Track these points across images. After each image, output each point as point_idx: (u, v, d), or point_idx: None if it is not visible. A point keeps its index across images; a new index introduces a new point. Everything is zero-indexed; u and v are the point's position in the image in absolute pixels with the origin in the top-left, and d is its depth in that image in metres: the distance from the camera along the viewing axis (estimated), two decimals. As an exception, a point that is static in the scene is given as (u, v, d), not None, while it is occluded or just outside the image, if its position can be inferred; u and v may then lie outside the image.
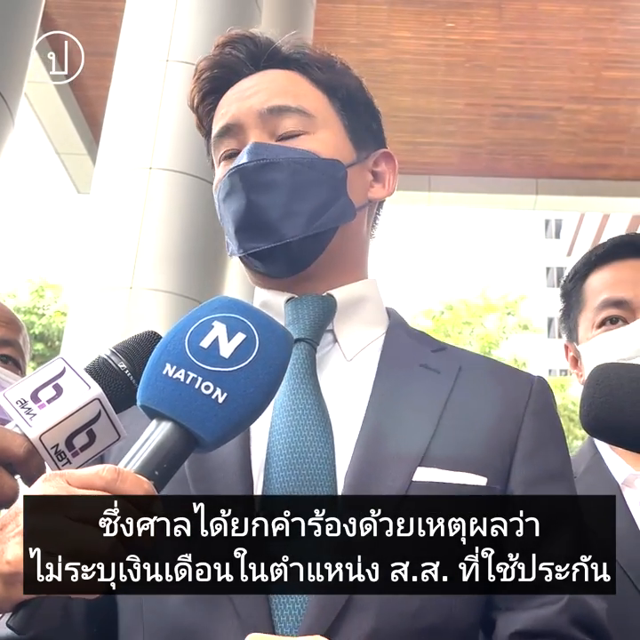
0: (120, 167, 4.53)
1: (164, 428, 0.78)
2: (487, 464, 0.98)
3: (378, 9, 8.03)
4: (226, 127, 1.11)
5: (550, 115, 9.28)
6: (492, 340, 22.13)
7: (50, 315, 18.23)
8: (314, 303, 1.08)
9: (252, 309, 0.86)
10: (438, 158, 10.06)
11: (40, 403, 0.84)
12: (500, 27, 8.14)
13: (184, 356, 0.81)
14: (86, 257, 4.51)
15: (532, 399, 1.07)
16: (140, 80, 4.67)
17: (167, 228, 4.32)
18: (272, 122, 1.09)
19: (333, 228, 1.10)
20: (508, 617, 0.95)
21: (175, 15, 4.73)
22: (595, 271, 1.64)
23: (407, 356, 1.09)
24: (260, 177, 1.06)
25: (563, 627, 0.93)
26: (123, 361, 0.93)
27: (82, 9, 7.97)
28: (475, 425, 1.01)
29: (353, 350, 1.09)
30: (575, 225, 35.59)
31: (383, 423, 0.99)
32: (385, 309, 1.18)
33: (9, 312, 1.73)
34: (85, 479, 0.72)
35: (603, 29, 8.07)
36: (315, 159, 1.08)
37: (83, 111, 9.41)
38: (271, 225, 1.05)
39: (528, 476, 1.00)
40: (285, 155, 1.07)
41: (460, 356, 1.13)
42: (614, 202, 10.75)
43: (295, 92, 1.12)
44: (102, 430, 0.86)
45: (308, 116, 1.10)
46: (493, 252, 39.92)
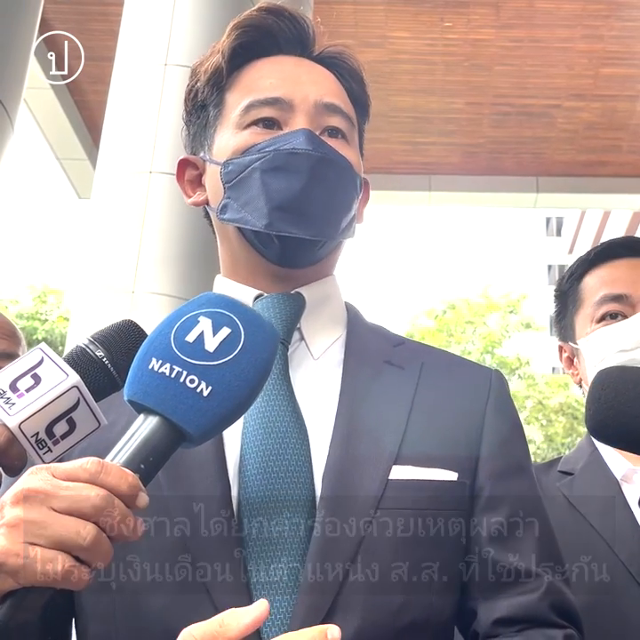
0: (120, 172, 4.53)
1: (151, 422, 0.79)
2: (456, 459, 1.00)
3: (375, 9, 8.03)
4: (276, 99, 1.08)
5: (549, 112, 9.27)
6: (494, 338, 22.11)
7: (52, 320, 18.26)
8: (284, 302, 1.08)
9: (238, 304, 0.86)
10: (438, 158, 10.05)
11: (19, 392, 0.84)
12: (498, 25, 8.13)
13: (169, 351, 0.81)
14: (88, 261, 4.51)
15: (491, 393, 1.09)
16: (138, 84, 4.67)
17: (168, 231, 4.32)
18: (323, 116, 1.10)
19: (344, 239, 1.13)
20: (489, 605, 0.97)
21: (173, 19, 4.73)
22: (591, 270, 1.67)
23: (370, 352, 1.10)
24: (321, 169, 1.04)
25: (543, 612, 0.96)
26: (100, 349, 0.93)
27: (80, 14, 7.97)
28: (441, 421, 1.03)
29: (320, 349, 1.09)
30: (576, 222, 35.56)
31: (355, 422, 0.99)
32: (344, 305, 1.18)
33: (9, 324, 1.74)
34: (70, 472, 0.73)
35: (600, 26, 8.06)
36: (353, 170, 1.10)
37: (82, 116, 9.41)
38: (315, 218, 1.05)
39: (495, 470, 1.02)
40: (338, 158, 1.07)
41: (420, 350, 1.15)
42: (615, 199, 10.75)
43: (343, 98, 1.14)
44: (82, 418, 0.87)
45: (352, 125, 1.13)
46: (495, 250, 39.90)
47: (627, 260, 1.64)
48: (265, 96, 1.09)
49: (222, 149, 1.11)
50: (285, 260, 1.08)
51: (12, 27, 4.03)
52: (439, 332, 22.04)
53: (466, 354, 21.61)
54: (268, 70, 1.12)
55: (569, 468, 1.59)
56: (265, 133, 1.08)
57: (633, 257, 1.64)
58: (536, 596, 0.96)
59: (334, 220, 1.07)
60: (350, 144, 1.12)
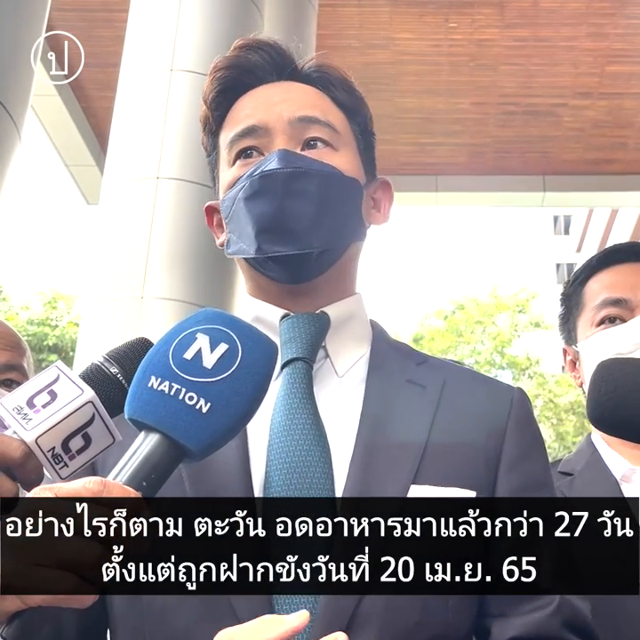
0: (128, 177, 4.56)
1: (152, 439, 0.80)
2: (475, 477, 1.00)
3: (379, 11, 8.04)
4: (251, 128, 1.12)
5: (555, 111, 9.27)
6: (504, 338, 22.07)
7: (63, 326, 18.31)
8: (309, 322, 1.10)
9: (235, 320, 0.87)
10: (445, 158, 10.06)
11: (35, 408, 0.86)
12: (503, 25, 8.14)
13: (168, 368, 0.82)
14: (97, 267, 4.53)
15: (513, 411, 1.09)
16: (144, 90, 4.69)
17: (176, 236, 4.34)
18: (300, 131, 1.11)
19: (346, 245, 1.13)
20: (502, 624, 0.97)
21: (178, 24, 4.75)
22: (594, 275, 1.69)
23: (393, 370, 1.11)
24: (294, 184, 1.07)
25: (555, 630, 0.96)
26: (115, 366, 0.95)
27: (86, 20, 8.01)
28: (461, 439, 1.03)
29: (344, 367, 1.11)
30: (584, 220, 35.47)
31: (375, 441, 1.00)
32: (369, 322, 1.20)
33: (14, 335, 1.74)
34: (72, 491, 0.73)
35: (605, 24, 8.06)
36: (340, 175, 1.11)
37: (89, 122, 9.46)
38: (298, 232, 1.07)
39: (513, 487, 1.03)
40: (317, 167, 1.09)
41: (442, 368, 1.16)
42: (622, 196, 10.73)
43: (323, 108, 1.15)
44: (97, 433, 0.88)
45: (335, 132, 1.13)
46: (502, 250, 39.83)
47: (629, 264, 1.65)
48: (241, 128, 1.12)
49: (222, 188, 1.17)
50: (289, 276, 1.10)
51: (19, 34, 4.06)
52: (448, 333, 22.00)
53: (475, 354, 21.59)
54: (245, 103, 1.15)
55: (569, 469, 1.60)
56: (248, 164, 1.11)
57: (635, 262, 1.65)
58: (548, 613, 0.96)
59: (323, 229, 1.08)
60: (339, 150, 1.13)
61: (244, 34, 1.22)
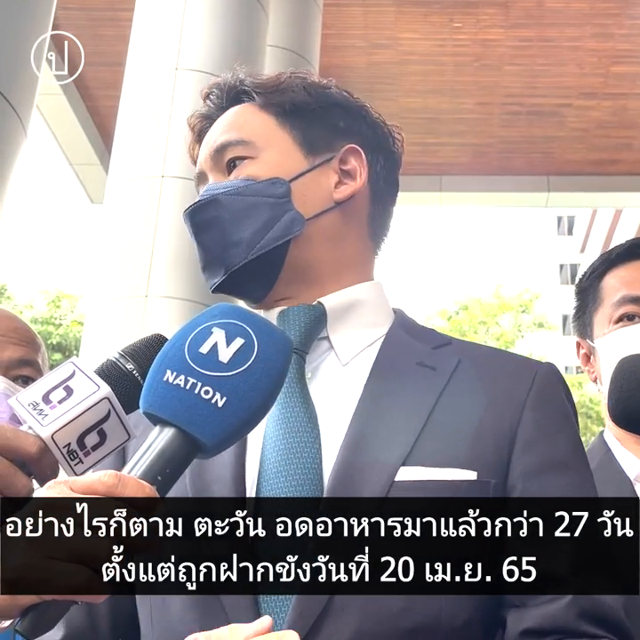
0: (132, 176, 4.57)
1: (167, 433, 0.79)
2: (478, 458, 0.98)
3: (384, 11, 8.04)
4: (197, 177, 1.19)
5: (560, 111, 9.26)
6: (507, 338, 22.07)
7: (67, 324, 18.33)
8: (301, 313, 1.10)
9: (251, 315, 0.87)
10: (449, 158, 10.06)
11: (51, 404, 0.86)
12: (507, 25, 8.13)
13: (184, 362, 0.82)
14: (101, 266, 4.54)
15: (534, 388, 1.05)
16: (149, 89, 4.70)
17: (181, 235, 4.33)
18: (219, 159, 1.14)
19: (283, 244, 1.11)
20: (518, 615, 0.95)
21: (183, 23, 4.76)
22: (612, 269, 1.65)
23: (404, 355, 1.10)
24: (200, 218, 1.12)
25: (570, 621, 0.93)
26: (130, 362, 0.95)
27: (91, 20, 8.03)
28: (467, 419, 1.01)
29: (348, 355, 1.10)
30: (588, 221, 35.45)
31: (368, 425, 1.00)
32: (390, 310, 1.19)
33: (29, 331, 1.73)
34: (87, 485, 0.73)
35: (609, 24, 8.05)
36: (249, 184, 1.11)
37: (94, 121, 9.47)
38: (217, 260, 1.11)
39: (528, 467, 0.99)
40: (216, 190, 1.12)
41: (464, 349, 1.13)
42: (626, 197, 10.72)
43: (238, 125, 1.16)
44: (113, 429, 0.88)
45: (247, 143, 1.14)
46: (506, 250, 39.79)
47: None
48: (195, 176, 1.20)
49: None
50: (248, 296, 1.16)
51: (24, 33, 4.07)
52: (452, 333, 21.99)
53: (479, 354, 21.58)
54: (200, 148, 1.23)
55: None
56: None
57: None
58: (563, 604, 0.93)
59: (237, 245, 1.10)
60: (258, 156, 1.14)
61: (249, 32, 1.23)
